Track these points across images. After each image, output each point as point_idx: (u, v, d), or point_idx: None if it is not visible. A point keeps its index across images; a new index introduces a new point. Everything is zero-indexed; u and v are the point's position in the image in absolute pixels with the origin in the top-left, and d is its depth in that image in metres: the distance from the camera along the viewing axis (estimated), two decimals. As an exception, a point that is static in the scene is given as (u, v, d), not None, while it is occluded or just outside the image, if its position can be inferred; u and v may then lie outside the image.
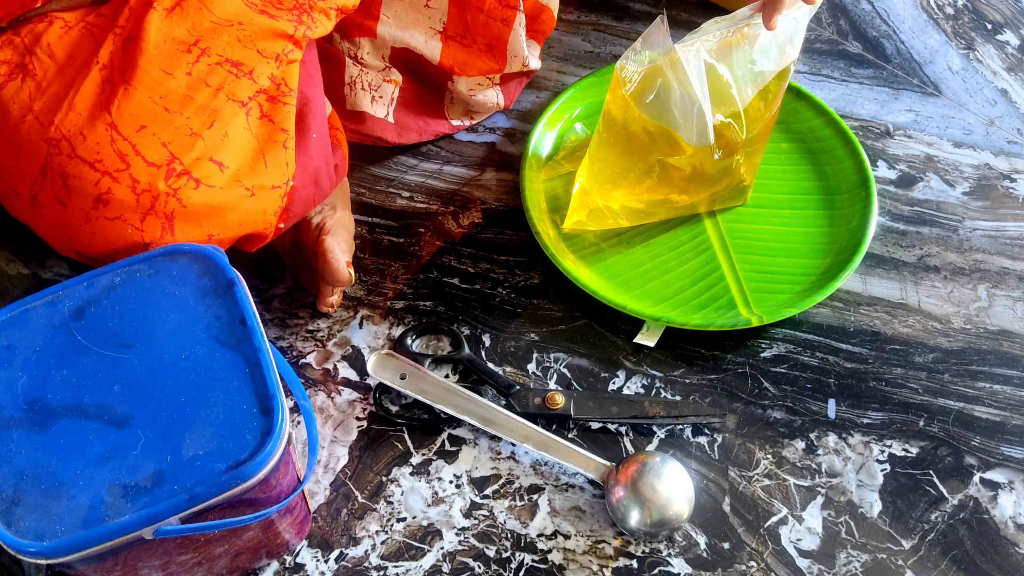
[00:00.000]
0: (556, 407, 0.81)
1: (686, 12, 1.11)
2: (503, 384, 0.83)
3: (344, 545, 0.76)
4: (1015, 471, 0.80)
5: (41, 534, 0.57)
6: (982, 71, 1.07)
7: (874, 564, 0.76)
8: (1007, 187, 0.98)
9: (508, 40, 0.95)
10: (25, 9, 0.74)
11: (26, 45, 0.74)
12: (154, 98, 0.72)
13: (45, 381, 0.63)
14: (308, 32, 0.77)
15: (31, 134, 0.71)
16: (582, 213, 0.90)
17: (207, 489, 0.59)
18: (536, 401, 0.82)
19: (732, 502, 0.79)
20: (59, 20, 0.74)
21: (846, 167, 0.95)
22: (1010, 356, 0.86)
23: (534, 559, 0.76)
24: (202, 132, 0.72)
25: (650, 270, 0.90)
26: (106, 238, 0.72)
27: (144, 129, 0.71)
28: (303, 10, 0.77)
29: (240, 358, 0.64)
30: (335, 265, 0.83)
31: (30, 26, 0.75)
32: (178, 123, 0.72)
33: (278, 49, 0.76)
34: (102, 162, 0.70)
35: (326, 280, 0.85)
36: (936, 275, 0.92)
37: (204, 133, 0.73)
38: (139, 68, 0.72)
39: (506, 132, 1.02)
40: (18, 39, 0.74)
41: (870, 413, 0.83)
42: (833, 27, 1.11)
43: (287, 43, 0.76)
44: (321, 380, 0.85)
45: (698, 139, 0.83)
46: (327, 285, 0.86)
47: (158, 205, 0.71)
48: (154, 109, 0.71)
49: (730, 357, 0.86)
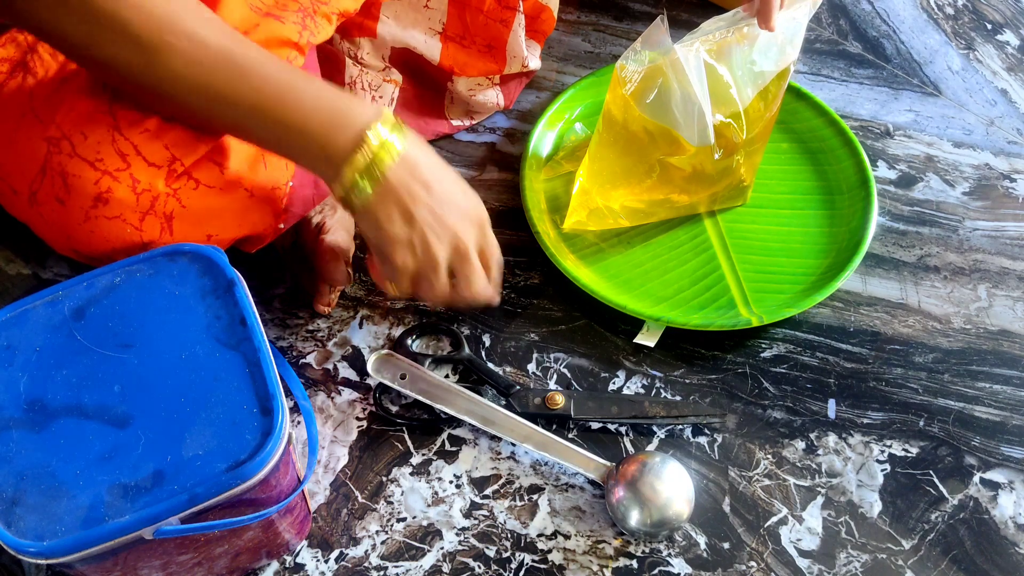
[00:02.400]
0: (556, 407, 0.81)
1: (686, 12, 1.11)
2: (503, 384, 0.83)
3: (344, 545, 0.76)
4: (1015, 471, 0.80)
5: (41, 534, 0.57)
6: (982, 71, 1.07)
7: (874, 564, 0.76)
8: (1007, 187, 0.98)
9: (507, 41, 0.95)
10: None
11: (28, 43, 0.74)
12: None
13: (45, 381, 0.63)
14: (311, 38, 0.77)
15: (31, 132, 0.71)
16: (582, 213, 0.90)
17: (207, 489, 0.59)
18: (536, 401, 0.82)
19: (732, 502, 0.79)
20: None
21: (846, 167, 0.95)
22: (1010, 356, 0.86)
23: (534, 559, 0.76)
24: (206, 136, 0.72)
25: (650, 270, 0.90)
26: (105, 237, 0.72)
27: (147, 132, 0.71)
28: (307, 13, 0.77)
29: (240, 358, 0.64)
30: (333, 265, 0.83)
31: None
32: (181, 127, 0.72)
33: (283, 56, 0.76)
34: (102, 161, 0.70)
35: (324, 279, 0.85)
36: (936, 275, 0.92)
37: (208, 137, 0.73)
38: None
39: (506, 132, 1.02)
40: (21, 36, 0.74)
41: (870, 413, 0.83)
42: (833, 27, 1.11)
43: (291, 51, 0.76)
44: (321, 380, 0.85)
45: (699, 139, 0.83)
46: (325, 284, 0.86)
47: (158, 205, 0.71)
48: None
49: (730, 357, 0.86)
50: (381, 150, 0.68)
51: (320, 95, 0.69)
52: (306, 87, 0.68)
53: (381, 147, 0.68)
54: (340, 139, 0.68)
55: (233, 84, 0.67)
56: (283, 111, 0.68)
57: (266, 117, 0.68)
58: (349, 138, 0.68)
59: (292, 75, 0.69)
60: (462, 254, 0.73)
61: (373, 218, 0.71)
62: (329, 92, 0.69)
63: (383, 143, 0.68)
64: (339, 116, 0.68)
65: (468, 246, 0.73)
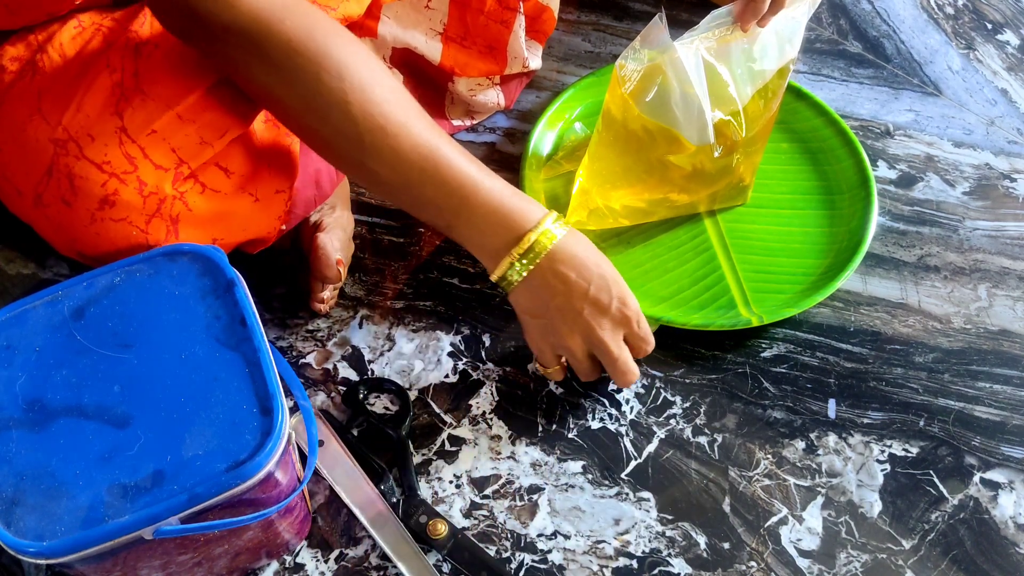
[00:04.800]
0: (437, 536, 0.76)
1: (686, 12, 1.11)
2: (407, 484, 0.78)
3: (344, 545, 0.76)
4: (1015, 471, 0.80)
5: (41, 534, 0.57)
6: (982, 71, 1.07)
7: (874, 564, 0.76)
8: (1007, 187, 0.98)
9: (508, 42, 0.95)
10: (49, 17, 0.74)
11: (39, 43, 0.74)
12: (170, 105, 0.71)
13: (45, 381, 0.63)
14: None
15: (37, 133, 0.71)
16: (582, 213, 0.90)
17: (207, 489, 0.59)
18: (420, 520, 0.76)
19: (732, 502, 0.79)
20: (73, 20, 0.74)
21: (846, 167, 0.95)
22: (1010, 356, 0.86)
23: (534, 559, 0.76)
24: (212, 141, 0.72)
25: (650, 270, 0.90)
26: (110, 239, 0.72)
27: (154, 134, 0.71)
28: None
29: (240, 358, 0.64)
30: (324, 261, 0.83)
31: (45, 25, 0.75)
32: (189, 131, 0.72)
33: None
34: (110, 163, 0.70)
35: (316, 276, 0.85)
36: (936, 275, 0.92)
37: (215, 142, 0.73)
38: (154, 75, 0.71)
39: (506, 132, 1.02)
40: (32, 36, 0.74)
41: (870, 413, 0.83)
42: (833, 27, 1.11)
43: None
44: (321, 380, 0.85)
45: (699, 138, 0.83)
46: (318, 282, 0.86)
47: (164, 208, 0.71)
48: (168, 115, 0.71)
49: (730, 357, 0.86)
50: (542, 235, 0.73)
51: (503, 196, 0.74)
52: (491, 186, 0.73)
53: (543, 234, 0.73)
54: (509, 238, 0.74)
55: (429, 186, 0.72)
56: (466, 209, 0.73)
57: (448, 210, 0.73)
58: (515, 238, 0.74)
59: (479, 173, 0.73)
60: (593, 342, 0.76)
61: (518, 299, 0.77)
62: (508, 193, 0.74)
63: (545, 231, 0.74)
64: (514, 216, 0.74)
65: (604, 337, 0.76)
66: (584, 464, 0.81)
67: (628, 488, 0.79)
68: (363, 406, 0.82)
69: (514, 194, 0.75)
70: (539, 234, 0.73)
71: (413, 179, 0.72)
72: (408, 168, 0.71)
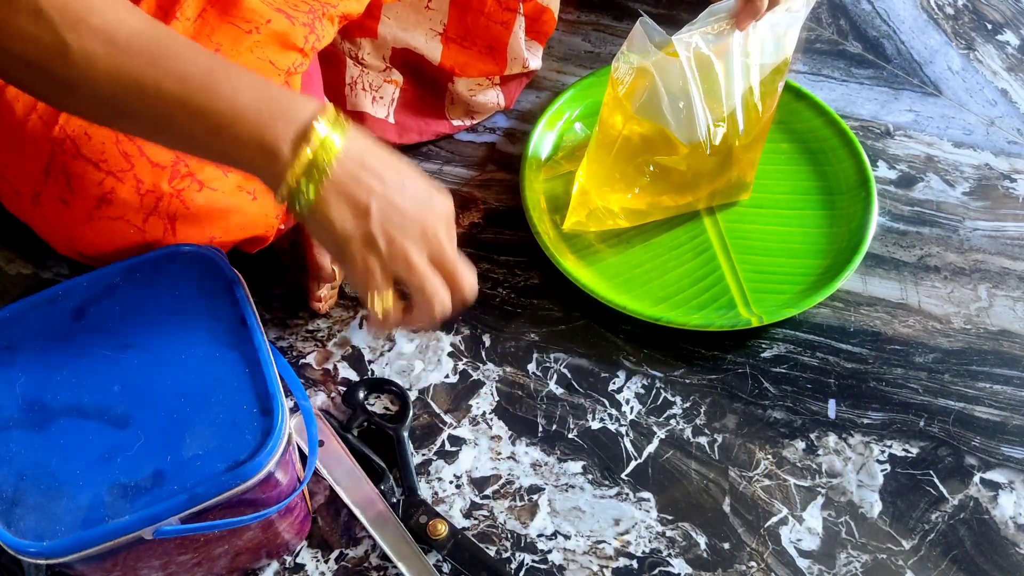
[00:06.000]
0: (437, 536, 0.75)
1: (686, 12, 1.11)
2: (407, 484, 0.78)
3: (344, 545, 0.76)
4: (1015, 471, 0.80)
5: (41, 534, 0.57)
6: (982, 71, 1.07)
7: (874, 564, 0.76)
8: (1007, 187, 0.98)
9: (508, 42, 0.95)
10: None
11: None
12: None
13: (45, 381, 0.63)
14: (316, 43, 0.77)
15: (35, 133, 0.71)
16: (582, 213, 0.90)
17: (207, 489, 0.59)
18: (420, 520, 0.76)
19: (732, 502, 0.79)
20: None
21: (846, 167, 0.95)
22: (1010, 356, 0.86)
23: (534, 559, 0.76)
24: None
25: (650, 270, 0.90)
26: (108, 238, 0.72)
27: None
28: (316, 15, 0.77)
29: (240, 358, 0.64)
30: (319, 260, 0.83)
31: None
32: None
33: (289, 63, 0.75)
34: (106, 162, 0.70)
35: (312, 275, 0.85)
36: (936, 275, 0.92)
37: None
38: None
39: (506, 132, 1.02)
40: None
41: (870, 413, 0.83)
42: (833, 27, 1.11)
43: (298, 56, 0.76)
44: (321, 380, 0.85)
45: (688, 137, 0.83)
46: (314, 280, 0.86)
47: (161, 206, 0.71)
48: None
49: (730, 357, 0.86)
50: (321, 148, 0.60)
51: (254, 83, 0.60)
52: (237, 74, 0.60)
53: (321, 145, 0.60)
54: (280, 132, 0.59)
55: (155, 68, 0.58)
56: (212, 100, 0.59)
57: (192, 107, 0.59)
58: (290, 132, 0.59)
59: (220, 62, 0.60)
60: (434, 248, 0.65)
61: (322, 220, 0.61)
62: (263, 81, 0.61)
63: (323, 141, 0.60)
64: (277, 105, 0.59)
65: (440, 239, 0.65)
66: (584, 464, 0.81)
67: (628, 488, 0.79)
68: (363, 406, 0.82)
69: (273, 84, 0.61)
70: (317, 146, 0.59)
71: (139, 60, 0.58)
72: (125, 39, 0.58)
